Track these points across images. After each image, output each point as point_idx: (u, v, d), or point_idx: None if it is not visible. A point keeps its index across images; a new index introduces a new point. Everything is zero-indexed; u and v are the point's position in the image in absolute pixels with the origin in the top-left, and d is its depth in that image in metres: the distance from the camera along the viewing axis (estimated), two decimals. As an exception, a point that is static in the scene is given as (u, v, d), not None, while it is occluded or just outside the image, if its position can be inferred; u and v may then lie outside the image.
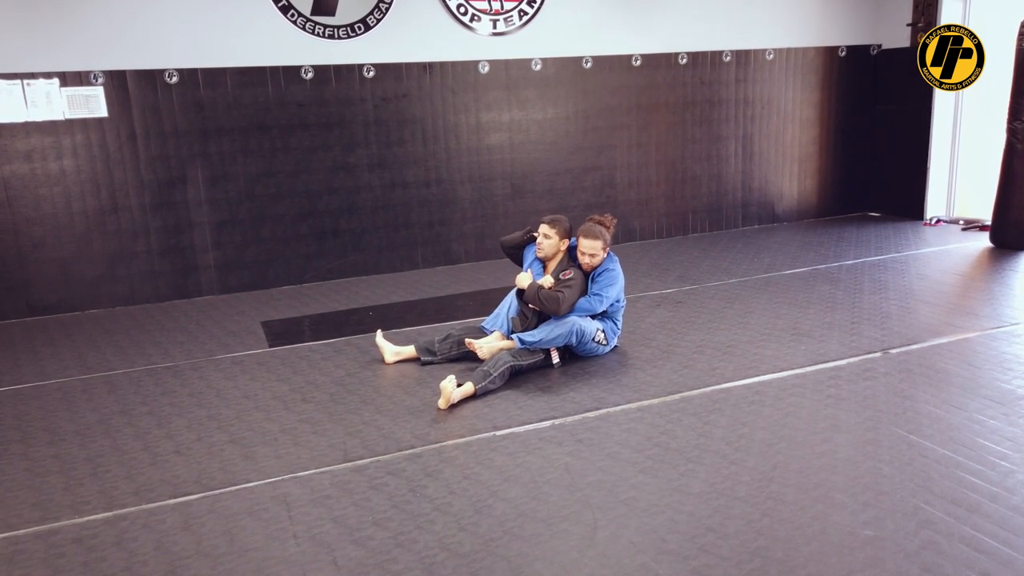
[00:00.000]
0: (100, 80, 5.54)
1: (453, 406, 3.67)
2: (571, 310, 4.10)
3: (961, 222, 7.43)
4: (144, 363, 4.55)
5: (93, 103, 5.54)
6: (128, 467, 3.22)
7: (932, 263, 6.04)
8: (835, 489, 2.77)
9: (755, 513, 2.64)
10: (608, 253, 4.26)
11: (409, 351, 4.34)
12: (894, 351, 4.14)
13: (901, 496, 2.71)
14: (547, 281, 4.17)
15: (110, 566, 2.53)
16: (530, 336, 4.04)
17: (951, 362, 3.95)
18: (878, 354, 4.11)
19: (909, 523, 2.54)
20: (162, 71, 5.69)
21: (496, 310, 4.44)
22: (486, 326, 4.38)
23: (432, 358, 4.29)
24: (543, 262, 4.38)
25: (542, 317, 4.17)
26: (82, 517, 2.83)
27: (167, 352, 4.73)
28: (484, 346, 4.11)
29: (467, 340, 4.17)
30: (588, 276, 4.25)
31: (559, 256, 4.33)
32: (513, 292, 4.35)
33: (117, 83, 5.58)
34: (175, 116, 5.77)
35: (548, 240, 4.25)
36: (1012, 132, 6.18)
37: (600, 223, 4.25)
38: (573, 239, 4.35)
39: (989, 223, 6.60)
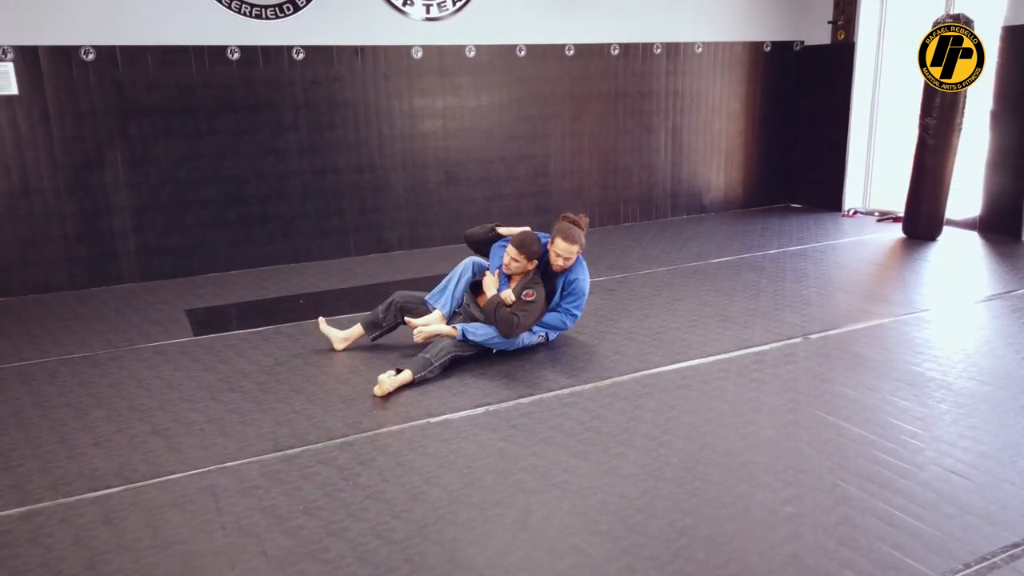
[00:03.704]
0: (10, 56, 5.24)
1: (389, 393, 3.64)
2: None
3: (876, 214, 7.77)
4: (59, 353, 4.35)
5: (2, 80, 5.24)
6: (43, 460, 3.08)
7: (849, 252, 6.31)
8: (758, 469, 2.87)
9: (683, 493, 2.72)
10: (578, 256, 4.15)
11: (356, 331, 4.26)
12: (814, 336, 4.31)
13: (819, 474, 2.82)
14: (508, 296, 4.00)
15: (24, 563, 2.42)
16: (474, 336, 3.94)
17: (866, 346, 4.13)
18: (799, 339, 4.27)
19: (827, 499, 2.66)
20: (77, 48, 5.42)
21: (442, 283, 4.24)
22: (429, 301, 4.22)
23: (379, 331, 4.23)
24: (510, 278, 4.16)
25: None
26: (-7, 513, 2.71)
27: (84, 341, 4.54)
28: (423, 331, 3.98)
29: (407, 319, 4.12)
30: (557, 278, 4.13)
31: (525, 272, 4.14)
32: (466, 276, 4.20)
33: (28, 59, 5.29)
34: (92, 95, 5.52)
35: (516, 264, 4.01)
36: (923, 128, 6.48)
37: (575, 223, 4.10)
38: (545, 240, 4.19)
39: (902, 215, 6.92)
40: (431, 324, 4.06)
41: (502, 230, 4.24)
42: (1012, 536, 2.43)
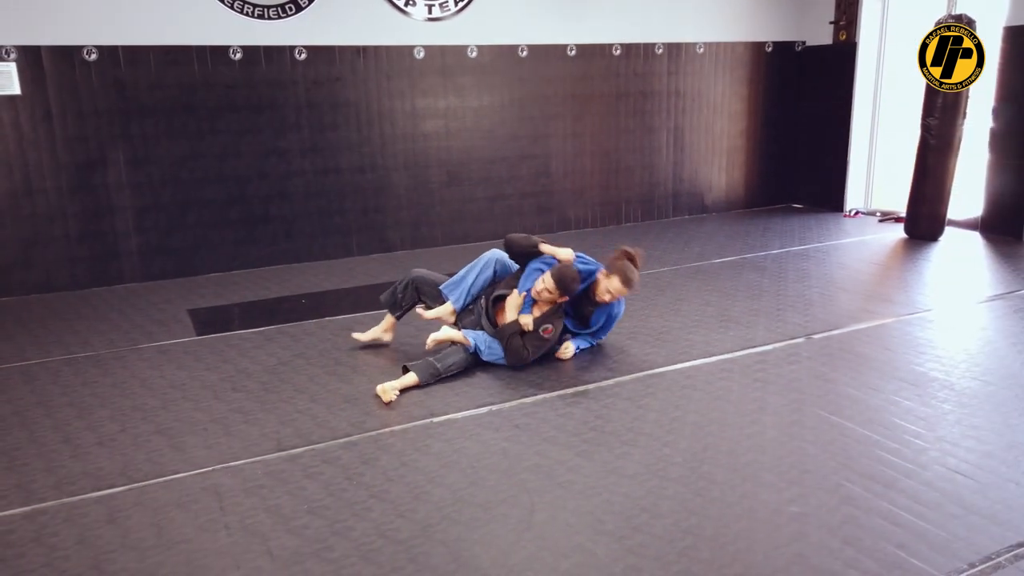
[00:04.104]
0: (12, 56, 5.25)
1: (380, 377, 3.67)
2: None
3: (878, 214, 7.77)
4: (62, 352, 4.35)
5: (5, 80, 5.24)
6: (47, 459, 3.08)
7: (851, 253, 6.30)
8: (763, 469, 2.87)
9: (687, 493, 2.72)
10: None
11: (389, 318, 4.24)
12: (816, 336, 4.31)
13: (824, 474, 2.82)
14: (527, 324, 3.84)
15: (29, 562, 2.42)
16: (485, 356, 3.87)
17: (869, 346, 4.13)
18: (802, 339, 4.26)
19: (831, 499, 2.66)
20: (80, 48, 5.42)
21: (461, 273, 4.08)
22: (444, 291, 4.09)
23: (400, 311, 4.21)
24: (538, 304, 3.95)
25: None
26: (-3, 513, 2.71)
27: (87, 341, 4.54)
28: (436, 337, 3.82)
29: (419, 309, 4.07)
30: (598, 307, 4.03)
31: (553, 303, 3.96)
32: (485, 274, 4.06)
33: (31, 59, 5.29)
34: (94, 95, 5.52)
35: (549, 295, 3.82)
36: (925, 128, 6.47)
37: (634, 261, 3.94)
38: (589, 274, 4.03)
39: (904, 215, 6.92)
40: (443, 327, 3.93)
41: (544, 248, 3.96)
42: (1017, 536, 2.43)
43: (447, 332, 3.87)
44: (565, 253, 3.95)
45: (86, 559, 2.43)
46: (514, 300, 3.91)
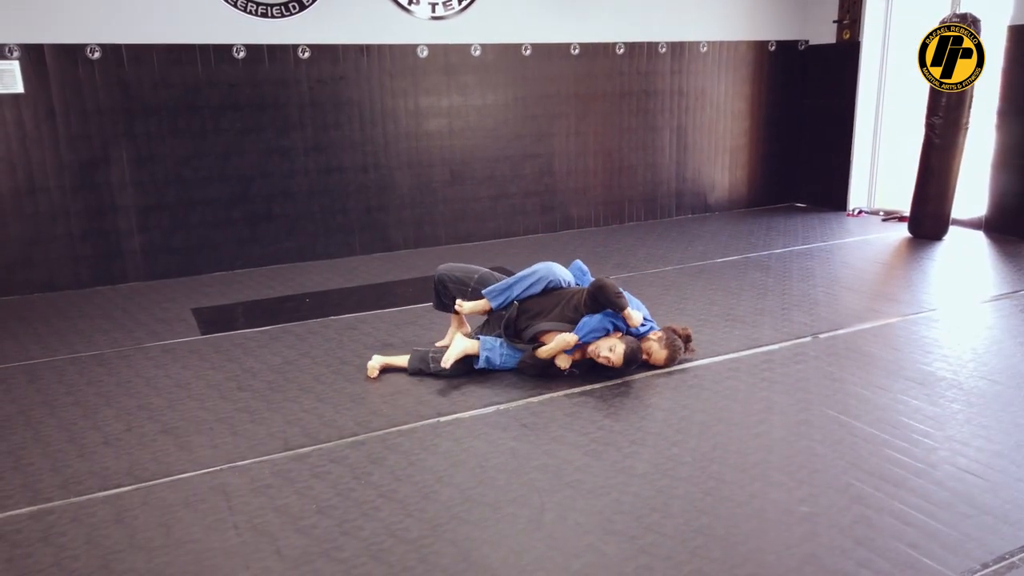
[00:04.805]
0: (16, 54, 5.23)
1: (386, 376, 3.68)
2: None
3: (881, 213, 7.76)
4: (67, 352, 4.34)
5: (8, 78, 5.23)
6: (53, 459, 3.07)
7: (855, 252, 6.29)
8: (772, 468, 2.86)
9: (697, 492, 2.71)
10: None
11: (453, 319, 4.16)
12: (823, 335, 4.30)
13: (833, 474, 2.81)
14: (564, 365, 3.75)
15: (36, 562, 2.41)
16: (496, 366, 3.83)
17: (875, 346, 4.12)
18: (808, 338, 4.25)
19: (841, 499, 2.65)
20: (83, 46, 5.41)
21: (508, 282, 3.92)
22: (487, 295, 3.92)
23: (449, 306, 4.14)
24: (583, 348, 3.81)
25: (531, 339, 3.90)
26: (5, 512, 2.69)
27: (91, 340, 4.53)
28: (450, 359, 3.73)
29: (458, 301, 3.98)
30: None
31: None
32: (534, 290, 3.90)
33: (34, 58, 5.28)
34: (97, 94, 5.50)
35: (608, 364, 3.70)
36: (930, 127, 6.46)
37: (688, 345, 3.94)
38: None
39: (908, 214, 6.91)
40: (458, 339, 3.82)
41: (628, 313, 3.75)
42: (1029, 536, 2.42)
43: (463, 347, 3.77)
44: (637, 318, 3.81)
45: (94, 559, 2.42)
46: (562, 343, 3.68)
